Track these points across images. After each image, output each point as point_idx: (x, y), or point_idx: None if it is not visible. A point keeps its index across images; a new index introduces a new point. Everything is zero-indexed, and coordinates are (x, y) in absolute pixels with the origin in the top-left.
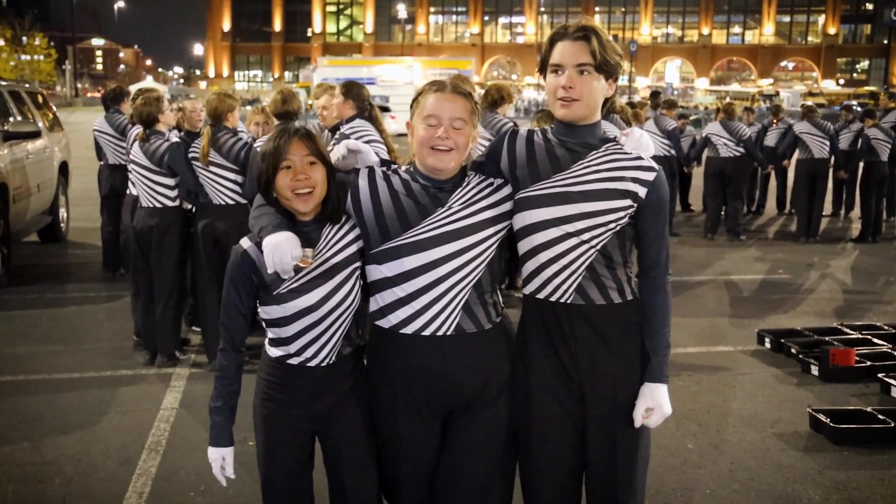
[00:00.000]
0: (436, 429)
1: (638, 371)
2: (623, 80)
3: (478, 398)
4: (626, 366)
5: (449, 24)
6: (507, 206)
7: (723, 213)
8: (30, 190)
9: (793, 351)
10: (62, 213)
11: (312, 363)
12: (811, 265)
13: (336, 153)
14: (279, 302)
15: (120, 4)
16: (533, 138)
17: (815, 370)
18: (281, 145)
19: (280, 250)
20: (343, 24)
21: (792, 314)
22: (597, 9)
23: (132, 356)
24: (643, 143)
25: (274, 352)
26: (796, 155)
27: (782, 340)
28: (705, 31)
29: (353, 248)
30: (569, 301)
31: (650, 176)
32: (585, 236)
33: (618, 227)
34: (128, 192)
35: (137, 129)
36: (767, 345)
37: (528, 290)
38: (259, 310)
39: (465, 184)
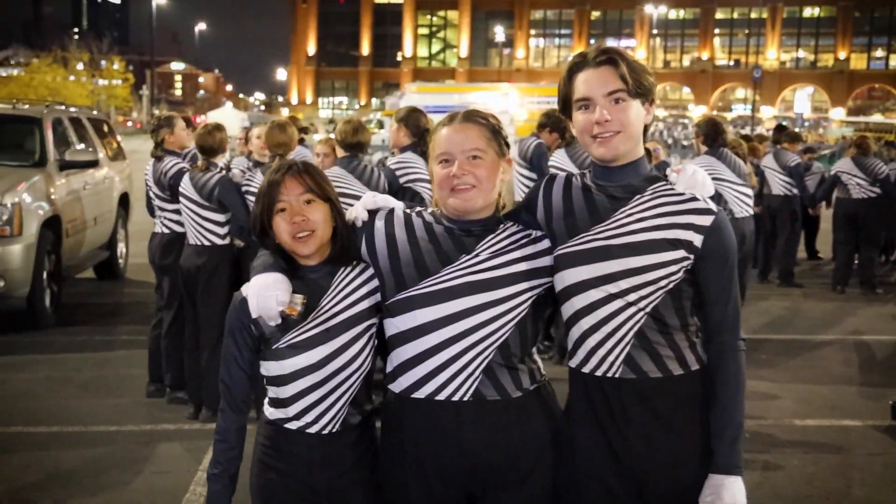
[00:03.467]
0: None
1: (704, 454)
2: (746, 110)
3: (502, 479)
4: (690, 449)
5: (551, 48)
6: (545, 261)
7: (855, 262)
8: (86, 223)
9: None
10: (121, 248)
11: (312, 430)
12: None
13: (351, 215)
14: (277, 358)
15: (201, 27)
16: (571, 184)
17: None
18: (273, 184)
19: (265, 294)
20: (436, 47)
21: None
22: (716, 30)
23: (177, 408)
24: (698, 180)
25: (272, 413)
26: None
27: None
28: (842, 54)
29: (368, 302)
30: (617, 375)
31: (707, 220)
32: (632, 297)
33: (670, 286)
34: (156, 229)
35: (173, 161)
36: None
37: (573, 362)
38: (260, 366)
39: (498, 230)
